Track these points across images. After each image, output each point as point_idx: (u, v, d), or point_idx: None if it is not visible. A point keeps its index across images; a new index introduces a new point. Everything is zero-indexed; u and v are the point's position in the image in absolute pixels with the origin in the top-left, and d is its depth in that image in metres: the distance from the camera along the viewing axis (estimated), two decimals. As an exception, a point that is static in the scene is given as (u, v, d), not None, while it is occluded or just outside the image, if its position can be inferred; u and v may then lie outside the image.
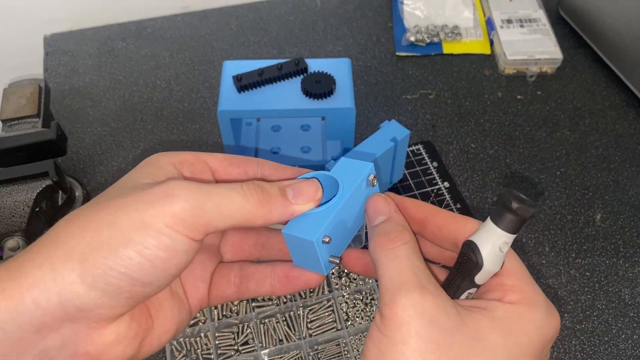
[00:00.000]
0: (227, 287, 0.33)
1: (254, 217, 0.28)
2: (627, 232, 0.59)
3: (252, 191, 0.28)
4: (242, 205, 0.27)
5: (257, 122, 0.66)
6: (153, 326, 0.29)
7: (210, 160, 0.31)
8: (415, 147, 0.66)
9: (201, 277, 0.32)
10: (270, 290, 0.33)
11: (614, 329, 0.52)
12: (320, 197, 0.30)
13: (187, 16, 0.82)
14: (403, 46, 0.77)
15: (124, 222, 0.25)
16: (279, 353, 0.51)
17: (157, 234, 0.25)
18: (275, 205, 0.28)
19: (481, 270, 0.27)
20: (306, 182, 0.30)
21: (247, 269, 0.33)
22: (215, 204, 0.26)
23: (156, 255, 0.25)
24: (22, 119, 0.58)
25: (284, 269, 0.33)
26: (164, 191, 0.26)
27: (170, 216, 0.25)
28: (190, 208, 0.26)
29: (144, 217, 0.25)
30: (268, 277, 0.33)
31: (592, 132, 0.68)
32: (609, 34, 0.71)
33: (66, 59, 0.77)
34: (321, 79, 0.56)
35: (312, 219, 0.29)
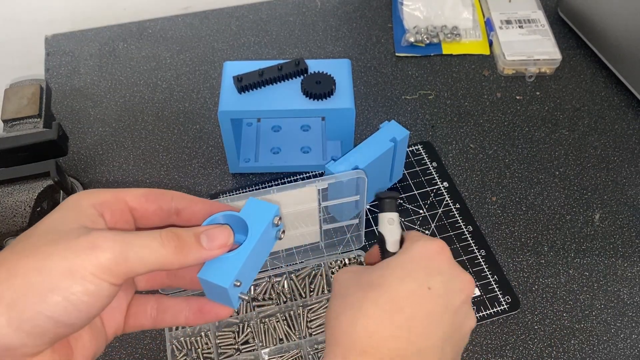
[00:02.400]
0: (143, 318, 0.36)
1: (171, 263, 0.30)
2: (626, 231, 0.59)
3: (169, 239, 0.30)
4: (161, 253, 0.30)
5: (258, 123, 0.67)
6: (73, 354, 0.31)
7: (128, 198, 0.33)
8: (414, 147, 0.66)
9: (118, 308, 0.35)
10: (184, 321, 0.36)
11: (613, 328, 0.53)
12: (231, 242, 0.32)
13: (187, 17, 0.83)
14: (403, 47, 0.77)
15: (52, 269, 0.27)
16: (279, 352, 0.51)
17: (82, 281, 0.27)
18: (191, 251, 0.31)
19: (386, 241, 0.39)
20: (219, 229, 0.32)
21: (163, 302, 0.36)
22: (136, 253, 0.29)
23: (81, 301, 0.27)
24: (23, 119, 0.59)
25: (197, 303, 0.35)
26: (90, 242, 0.28)
27: (96, 266, 0.28)
28: (114, 258, 0.28)
29: (71, 265, 0.27)
30: (183, 311, 0.35)
31: (591, 132, 0.68)
32: (608, 34, 0.72)
33: (67, 60, 0.77)
34: (321, 79, 0.57)
35: (225, 264, 0.32)
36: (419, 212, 0.61)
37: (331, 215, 0.54)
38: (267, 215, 0.34)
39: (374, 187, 0.60)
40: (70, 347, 0.31)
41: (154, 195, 0.34)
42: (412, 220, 0.60)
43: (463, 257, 0.57)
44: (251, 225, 0.34)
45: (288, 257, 0.56)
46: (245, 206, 0.35)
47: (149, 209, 0.34)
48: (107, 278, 0.28)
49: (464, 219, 0.60)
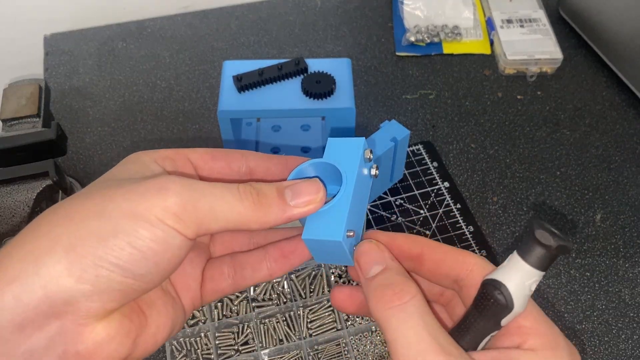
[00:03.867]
0: (221, 281, 0.32)
1: (249, 221, 0.27)
2: (627, 232, 0.59)
3: (248, 193, 0.27)
4: (236, 208, 0.26)
5: (257, 122, 0.67)
6: (147, 324, 0.27)
7: (191, 156, 0.30)
8: (415, 147, 0.66)
9: (192, 275, 0.31)
10: (268, 273, 0.32)
11: (614, 329, 0.52)
12: (322, 198, 0.28)
13: (187, 16, 0.82)
14: (403, 46, 0.77)
15: (114, 212, 0.24)
16: (279, 353, 0.51)
17: (148, 226, 0.24)
18: (272, 208, 0.27)
19: (512, 313, 0.25)
20: (306, 183, 0.28)
21: (239, 258, 0.32)
22: (208, 203, 0.25)
23: (148, 247, 0.24)
24: (22, 119, 0.58)
25: (277, 249, 0.32)
26: (157, 184, 0.25)
27: (162, 209, 0.24)
28: (183, 204, 0.25)
29: (134, 207, 0.24)
30: (263, 261, 0.32)
31: (592, 132, 0.68)
32: (609, 34, 0.71)
33: (66, 59, 0.77)
34: (321, 79, 0.56)
35: (328, 217, 0.28)
36: (419, 212, 0.60)
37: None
38: (356, 152, 0.29)
39: (374, 187, 0.59)
40: (144, 315, 0.27)
41: (220, 153, 0.31)
42: (412, 220, 0.60)
43: (464, 258, 0.57)
44: (342, 167, 0.29)
45: (288, 257, 0.56)
46: (327, 149, 0.30)
47: (215, 167, 0.30)
48: (176, 225, 0.25)
49: (464, 219, 0.60)
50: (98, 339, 0.24)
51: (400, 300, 0.25)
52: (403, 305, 0.25)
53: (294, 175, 0.30)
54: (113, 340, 0.25)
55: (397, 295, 0.25)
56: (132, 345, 0.26)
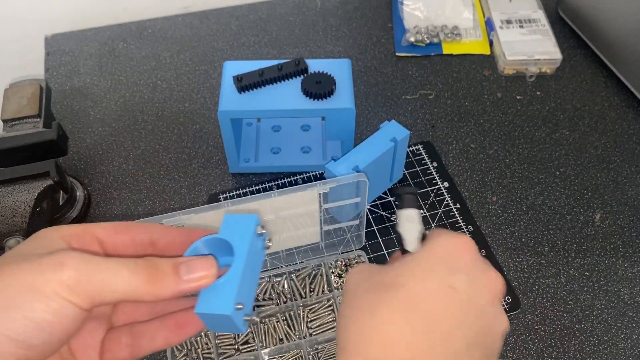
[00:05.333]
0: (119, 350, 0.33)
1: (142, 293, 0.28)
2: (626, 232, 0.59)
3: (143, 267, 0.28)
4: (130, 281, 0.28)
5: (258, 122, 0.67)
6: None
7: (97, 231, 0.31)
8: (415, 147, 0.66)
9: (91, 345, 0.32)
10: (164, 342, 0.33)
11: (613, 328, 0.53)
12: (214, 274, 0.30)
13: (187, 17, 0.83)
14: (403, 47, 0.77)
15: (13, 286, 0.26)
16: (279, 352, 0.51)
17: (44, 299, 0.26)
18: (166, 282, 0.29)
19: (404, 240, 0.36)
20: (201, 260, 0.30)
21: (137, 328, 0.34)
22: (102, 277, 0.27)
23: (43, 319, 0.26)
24: (23, 119, 0.58)
25: (173, 319, 0.33)
26: (55, 260, 0.27)
27: (59, 283, 0.26)
28: (78, 277, 0.27)
29: (32, 281, 0.26)
30: (160, 330, 0.33)
31: (592, 132, 0.68)
32: (609, 34, 0.71)
33: (67, 59, 0.77)
34: (321, 79, 0.57)
35: (219, 291, 0.30)
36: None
37: (331, 216, 0.54)
38: (248, 228, 0.32)
39: (375, 187, 0.60)
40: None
41: (124, 226, 0.32)
42: (412, 220, 0.60)
43: (463, 257, 0.57)
44: (235, 243, 0.32)
45: (288, 257, 0.56)
46: (223, 225, 0.33)
47: (119, 241, 0.32)
48: (71, 297, 0.26)
49: (464, 219, 0.60)
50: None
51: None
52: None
53: (190, 252, 0.32)
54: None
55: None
56: None
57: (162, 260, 0.30)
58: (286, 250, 0.55)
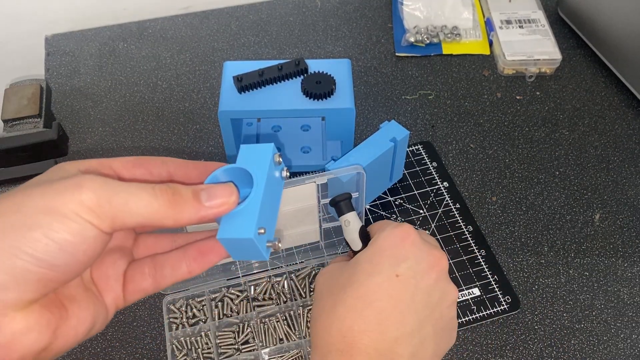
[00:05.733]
0: (142, 280, 0.33)
1: (163, 217, 0.28)
2: (626, 232, 0.59)
3: (163, 192, 0.28)
4: (150, 204, 0.28)
5: (258, 123, 0.67)
6: (68, 316, 0.28)
7: (115, 165, 0.31)
8: (414, 147, 0.66)
9: (113, 276, 0.32)
10: (187, 271, 0.33)
11: (613, 328, 0.53)
12: (235, 200, 0.30)
13: (187, 17, 0.83)
14: (403, 47, 0.77)
15: (31, 207, 0.25)
16: (280, 352, 0.51)
17: (64, 219, 0.25)
18: (187, 207, 0.29)
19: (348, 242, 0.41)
20: (221, 186, 0.30)
21: (159, 258, 0.34)
22: (122, 199, 0.27)
23: (64, 239, 0.25)
24: (23, 119, 0.59)
25: (195, 248, 0.33)
26: (73, 182, 0.26)
27: (78, 203, 0.26)
28: (97, 199, 0.26)
29: (50, 203, 0.25)
30: (182, 260, 0.33)
31: (591, 133, 0.68)
32: (608, 34, 0.72)
33: (67, 60, 0.77)
34: (321, 79, 0.57)
35: (241, 217, 0.30)
36: (419, 212, 0.61)
37: (331, 215, 0.54)
38: (265, 157, 0.33)
39: (374, 187, 0.60)
40: (65, 308, 0.28)
41: (141, 160, 0.32)
42: (412, 220, 0.60)
43: (463, 257, 0.57)
44: (253, 171, 0.32)
45: (288, 257, 0.56)
46: (240, 155, 0.33)
47: (136, 174, 0.32)
48: (91, 219, 0.26)
49: (464, 219, 0.60)
50: (16, 329, 0.25)
51: None
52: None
53: (209, 180, 0.32)
54: (32, 331, 0.26)
55: None
56: (51, 336, 0.27)
57: (182, 186, 0.30)
58: (286, 250, 0.55)
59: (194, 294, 0.54)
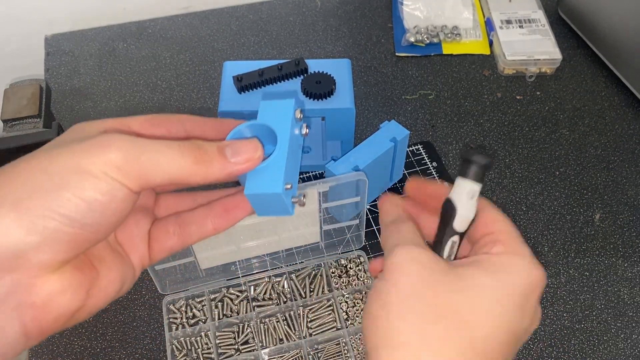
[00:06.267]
0: (167, 239, 0.33)
1: (190, 175, 0.28)
2: (626, 232, 0.59)
3: (190, 149, 0.28)
4: (178, 162, 0.27)
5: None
6: (98, 277, 0.28)
7: (133, 125, 0.31)
8: (414, 147, 0.66)
9: (138, 235, 0.32)
10: (212, 228, 0.33)
11: (613, 328, 0.53)
12: (261, 155, 0.30)
13: (187, 17, 0.83)
14: (403, 47, 0.77)
15: (59, 167, 0.25)
16: (279, 352, 0.51)
17: (93, 179, 0.25)
18: (213, 164, 0.28)
19: (457, 216, 0.31)
20: (246, 142, 0.30)
21: (184, 217, 0.33)
22: (150, 156, 0.26)
23: (94, 198, 0.25)
24: (23, 119, 0.59)
25: (220, 205, 0.33)
26: (100, 141, 0.26)
27: (105, 163, 0.25)
28: (126, 157, 0.26)
29: (78, 162, 0.25)
30: (207, 217, 0.33)
31: (591, 132, 0.68)
32: (608, 34, 0.71)
33: (67, 60, 0.77)
34: (321, 79, 0.57)
35: (267, 172, 0.30)
36: (419, 212, 0.60)
37: (331, 215, 0.54)
38: (287, 112, 0.32)
39: (375, 187, 0.60)
40: (95, 269, 0.28)
41: (159, 119, 0.32)
42: (412, 220, 0.60)
43: (463, 257, 0.57)
44: (276, 127, 0.31)
45: (288, 257, 0.56)
46: (260, 112, 0.32)
47: (156, 134, 0.31)
48: (119, 178, 0.26)
49: (464, 219, 0.60)
50: (52, 289, 0.25)
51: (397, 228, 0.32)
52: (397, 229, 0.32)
53: (231, 137, 0.32)
54: (67, 291, 0.26)
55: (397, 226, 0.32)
56: (85, 297, 0.27)
57: (207, 142, 0.29)
58: (286, 250, 0.55)
59: (193, 294, 0.54)
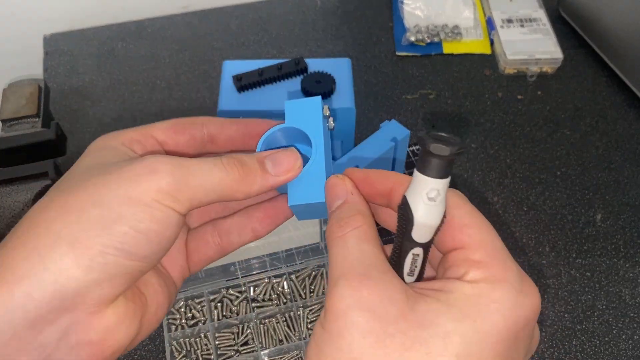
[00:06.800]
0: (207, 249, 0.32)
1: (235, 192, 0.27)
2: (628, 232, 0.59)
3: (233, 166, 0.27)
4: (224, 181, 0.27)
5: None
6: (147, 303, 0.28)
7: (156, 134, 0.30)
8: (415, 147, 0.66)
9: (176, 248, 0.32)
10: (252, 235, 0.32)
11: (615, 329, 0.52)
12: (300, 165, 0.29)
13: (187, 16, 0.82)
14: (403, 46, 0.77)
15: (110, 199, 0.24)
16: (279, 353, 0.51)
17: (147, 208, 0.25)
18: (256, 178, 0.28)
19: (415, 224, 0.24)
20: (285, 153, 0.29)
21: (222, 225, 0.33)
22: (198, 179, 0.26)
23: (150, 229, 0.25)
24: (21, 119, 0.58)
25: (260, 210, 0.32)
26: (146, 167, 0.25)
27: (157, 191, 0.25)
28: (176, 183, 0.25)
29: (130, 192, 0.24)
30: (247, 224, 0.32)
31: (593, 132, 0.68)
32: (610, 33, 0.71)
33: (66, 59, 0.77)
34: (321, 78, 0.56)
35: (308, 180, 0.30)
36: (419, 212, 0.60)
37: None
38: (316, 112, 0.31)
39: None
40: (144, 295, 0.28)
41: (182, 125, 0.31)
42: (412, 220, 0.60)
43: (464, 258, 0.57)
44: (308, 129, 0.30)
45: (288, 257, 0.55)
46: (287, 112, 0.31)
47: (180, 141, 0.31)
48: (171, 204, 0.25)
49: (464, 219, 0.60)
50: (109, 324, 0.25)
51: (342, 231, 0.26)
52: (343, 236, 0.26)
53: (263, 143, 0.31)
54: (122, 324, 0.26)
55: (341, 227, 0.26)
56: (139, 326, 0.27)
57: (246, 156, 0.28)
58: (286, 251, 0.55)
59: (193, 295, 0.54)
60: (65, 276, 0.23)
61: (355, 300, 0.22)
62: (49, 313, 0.23)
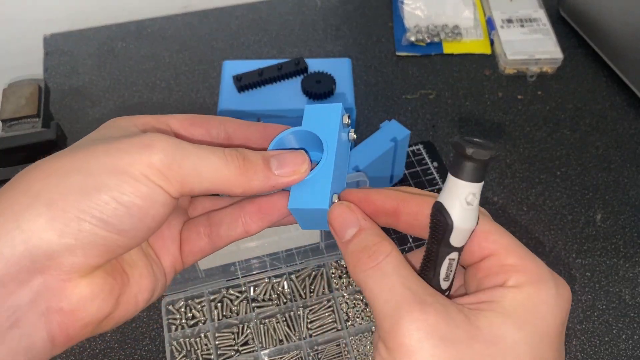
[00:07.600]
0: (198, 240, 0.31)
1: (233, 185, 0.26)
2: (628, 232, 0.59)
3: (234, 157, 0.26)
4: (222, 171, 0.26)
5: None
6: (129, 283, 0.27)
7: (171, 122, 0.29)
8: (415, 147, 0.66)
9: (169, 236, 0.30)
10: (243, 230, 0.31)
11: (615, 329, 0.52)
12: (307, 169, 0.28)
13: (186, 16, 0.82)
14: (403, 46, 0.77)
15: (96, 167, 0.23)
16: (279, 353, 0.51)
17: (133, 181, 0.24)
18: (257, 175, 0.27)
19: (454, 229, 0.24)
20: (293, 154, 0.28)
21: (214, 216, 0.31)
22: (193, 162, 0.25)
23: (133, 203, 0.24)
24: (21, 119, 0.58)
25: (254, 204, 0.31)
26: (141, 141, 0.24)
27: (147, 165, 0.24)
28: (168, 161, 0.24)
29: (118, 163, 0.24)
30: (239, 218, 0.31)
31: (593, 132, 0.68)
32: (610, 33, 0.71)
33: (66, 59, 0.77)
34: (321, 78, 0.56)
35: (313, 186, 0.28)
36: (419, 212, 0.60)
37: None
38: (334, 119, 0.29)
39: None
40: (127, 275, 0.27)
41: (199, 119, 0.30)
42: (412, 220, 0.60)
43: (464, 258, 0.57)
44: (322, 135, 0.29)
45: (288, 257, 0.55)
46: (306, 116, 0.30)
47: (195, 134, 0.30)
48: (161, 182, 0.24)
49: (465, 219, 0.60)
50: (81, 295, 0.24)
51: (375, 261, 0.25)
52: (377, 265, 0.25)
53: (275, 144, 0.30)
54: (97, 297, 0.25)
55: (371, 257, 0.25)
56: (114, 304, 0.26)
57: (252, 152, 0.27)
58: (286, 251, 0.55)
59: (193, 295, 0.54)
60: (37, 236, 0.22)
61: (424, 331, 0.22)
62: (19, 273, 0.22)
